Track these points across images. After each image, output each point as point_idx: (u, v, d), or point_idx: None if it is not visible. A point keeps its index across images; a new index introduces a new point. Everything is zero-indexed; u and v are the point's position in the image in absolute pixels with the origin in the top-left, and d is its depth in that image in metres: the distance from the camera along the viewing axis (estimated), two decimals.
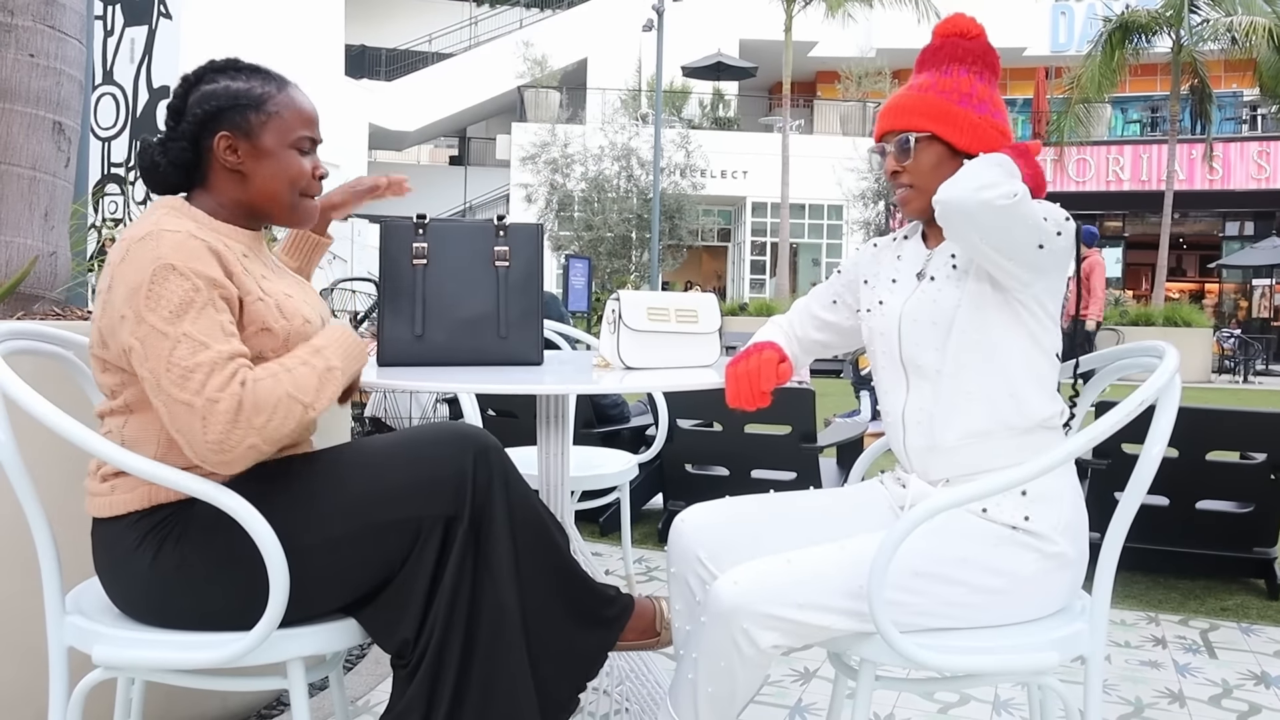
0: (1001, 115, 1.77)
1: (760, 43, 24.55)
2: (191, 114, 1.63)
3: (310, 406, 1.48)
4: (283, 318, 1.58)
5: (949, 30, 1.80)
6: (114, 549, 1.54)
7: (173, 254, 1.46)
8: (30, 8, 2.82)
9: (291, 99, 1.68)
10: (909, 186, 1.76)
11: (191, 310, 1.43)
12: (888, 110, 1.80)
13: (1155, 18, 18.05)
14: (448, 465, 1.58)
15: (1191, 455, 3.36)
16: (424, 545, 1.55)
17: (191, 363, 1.41)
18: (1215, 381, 16.37)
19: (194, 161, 1.65)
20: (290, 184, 1.67)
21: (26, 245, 2.79)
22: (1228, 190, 23.09)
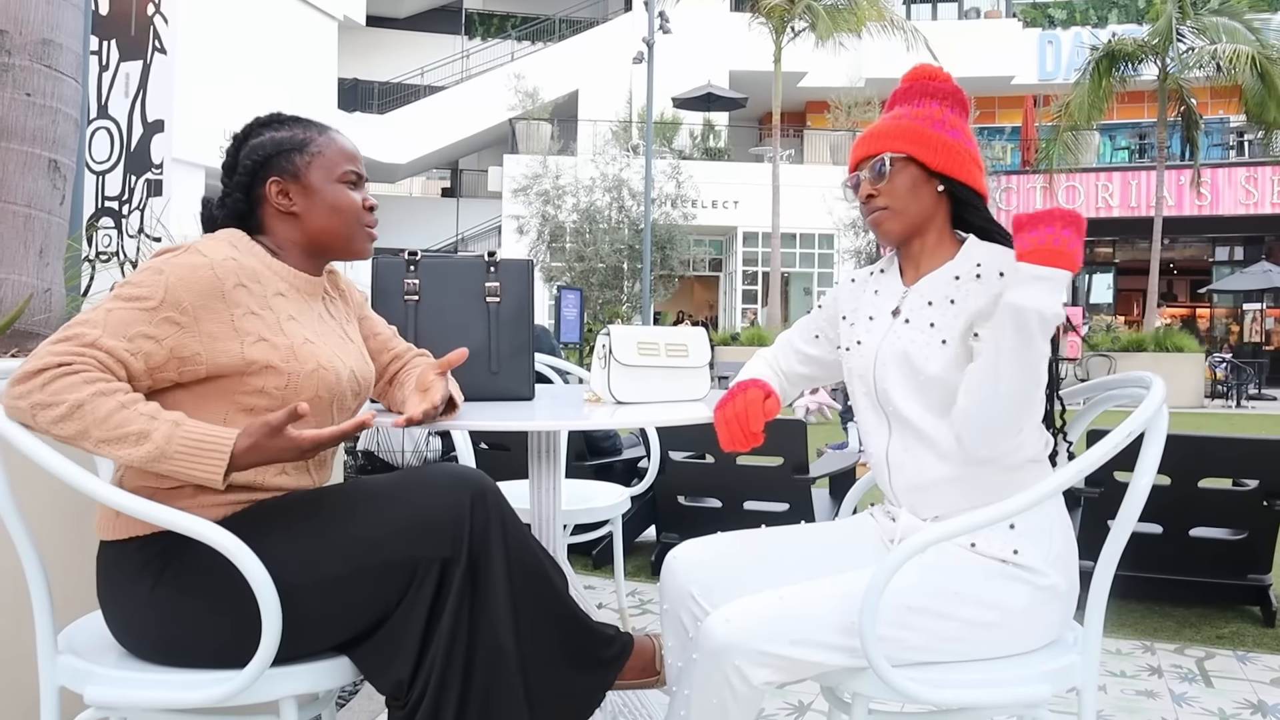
0: (974, 145, 1.78)
1: (750, 74, 24.74)
2: (242, 167, 1.73)
3: (91, 439, 1.43)
4: (294, 359, 1.61)
5: (919, 74, 1.84)
6: (116, 573, 1.56)
7: (173, 266, 1.54)
8: (28, 48, 2.85)
9: (332, 139, 1.77)
10: (884, 208, 1.77)
11: (131, 303, 1.51)
12: (863, 139, 1.82)
13: (1141, 46, 18.25)
14: (445, 508, 1.58)
15: (1184, 482, 3.37)
16: (420, 587, 1.55)
17: (73, 325, 1.49)
18: (1208, 406, 16.41)
19: (248, 211, 1.74)
20: (344, 216, 1.75)
21: (21, 282, 2.80)
22: (1216, 216, 23.27)
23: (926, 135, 1.74)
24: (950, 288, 1.70)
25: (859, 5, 18.89)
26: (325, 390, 1.65)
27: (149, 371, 1.52)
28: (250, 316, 1.58)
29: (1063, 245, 1.49)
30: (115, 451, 1.44)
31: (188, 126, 16.47)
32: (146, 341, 1.50)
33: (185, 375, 1.55)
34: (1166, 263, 22.51)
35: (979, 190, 1.77)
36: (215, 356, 1.55)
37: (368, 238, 1.79)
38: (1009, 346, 1.52)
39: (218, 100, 17.03)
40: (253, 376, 1.57)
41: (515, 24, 31.28)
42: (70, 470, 1.44)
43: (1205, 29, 18.15)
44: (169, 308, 1.51)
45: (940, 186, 1.75)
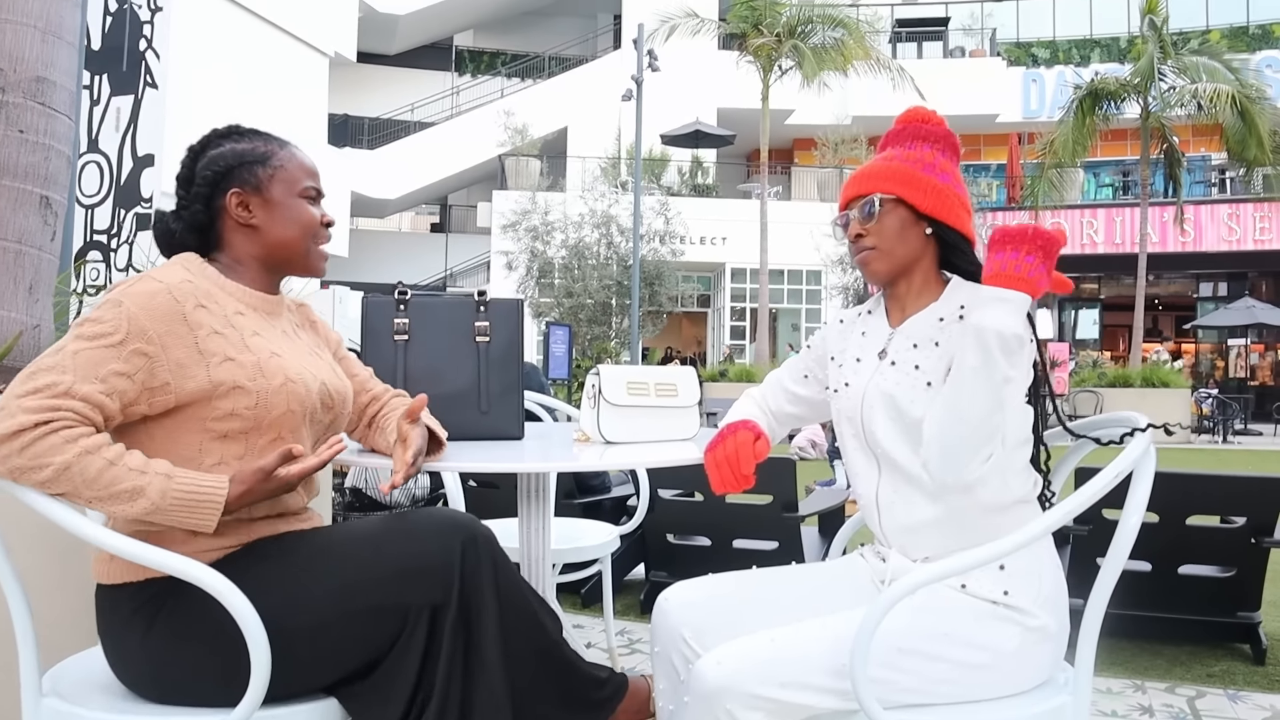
0: (963, 189, 1.80)
1: (738, 111, 24.95)
2: (201, 178, 1.71)
3: (83, 497, 1.43)
4: (261, 375, 1.59)
5: (912, 116, 1.85)
6: (111, 617, 1.56)
7: (131, 295, 1.52)
8: (22, 85, 2.86)
9: (293, 154, 1.77)
10: (871, 248, 1.78)
11: (95, 341, 1.48)
12: (853, 179, 1.83)
13: (1124, 85, 18.48)
14: (435, 553, 1.58)
15: (1172, 520, 3.38)
16: (412, 632, 1.55)
17: (40, 373, 1.44)
18: (1195, 442, 16.47)
19: (208, 224, 1.72)
20: (303, 230, 1.74)
21: (10, 319, 2.80)
22: (1200, 252, 23.47)
23: (916, 178, 1.75)
24: (934, 330, 1.72)
25: (846, 44, 19.11)
26: (296, 404, 1.63)
27: (123, 409, 1.50)
28: (214, 336, 1.57)
29: (1024, 272, 1.52)
30: (109, 508, 1.43)
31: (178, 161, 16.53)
32: (120, 379, 1.48)
33: (155, 406, 1.54)
34: (1151, 298, 22.66)
35: (966, 234, 1.78)
36: (183, 384, 1.53)
37: (322, 256, 1.80)
38: (970, 365, 1.54)
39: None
40: (221, 400, 1.55)
41: (505, 61, 31.51)
42: (62, 514, 1.43)
43: (1186, 69, 18.40)
44: (135, 339, 1.49)
45: (928, 229, 1.76)
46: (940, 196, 1.75)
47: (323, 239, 1.79)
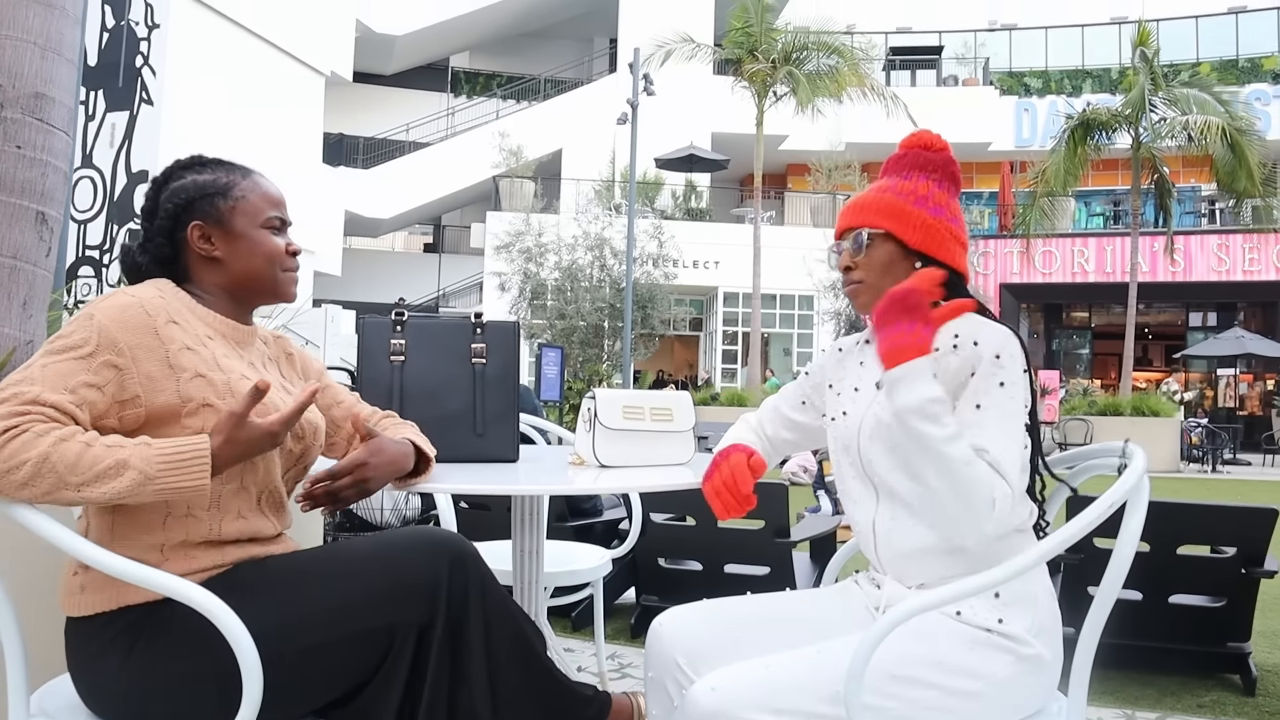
0: (958, 223, 1.80)
1: (732, 136, 25.08)
2: (163, 210, 1.70)
3: (71, 486, 1.39)
4: (231, 395, 1.58)
5: (914, 142, 1.85)
6: (83, 649, 1.53)
7: (103, 309, 1.52)
8: (21, 101, 2.86)
9: (256, 183, 1.76)
10: (859, 282, 1.80)
11: (66, 354, 1.47)
12: (846, 210, 1.85)
13: (1115, 115, 18.62)
14: (423, 573, 1.58)
15: (1163, 549, 3.38)
16: (398, 653, 1.54)
17: (9, 386, 1.43)
18: (1184, 471, 16.51)
19: (172, 256, 1.71)
20: (268, 260, 1.73)
21: (3, 335, 2.79)
22: (1190, 282, 23.62)
23: (907, 212, 1.76)
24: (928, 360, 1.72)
25: (840, 71, 19.24)
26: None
27: (92, 421, 1.49)
28: (185, 352, 1.57)
29: (907, 340, 1.59)
30: (98, 490, 1.39)
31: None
32: (89, 390, 1.47)
33: (125, 421, 1.52)
34: (1141, 327, 22.77)
35: (958, 269, 1.78)
36: (153, 397, 1.52)
37: (291, 282, 1.78)
38: (912, 449, 1.58)
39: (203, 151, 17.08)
40: (191, 417, 1.55)
41: (501, 83, 31.65)
42: (53, 529, 1.42)
43: (1177, 100, 18.56)
44: (106, 350, 1.49)
45: (917, 264, 1.76)
46: (929, 232, 1.75)
47: (289, 267, 1.77)
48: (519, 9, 28.73)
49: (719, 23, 24.22)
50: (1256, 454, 20.25)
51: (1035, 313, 26.64)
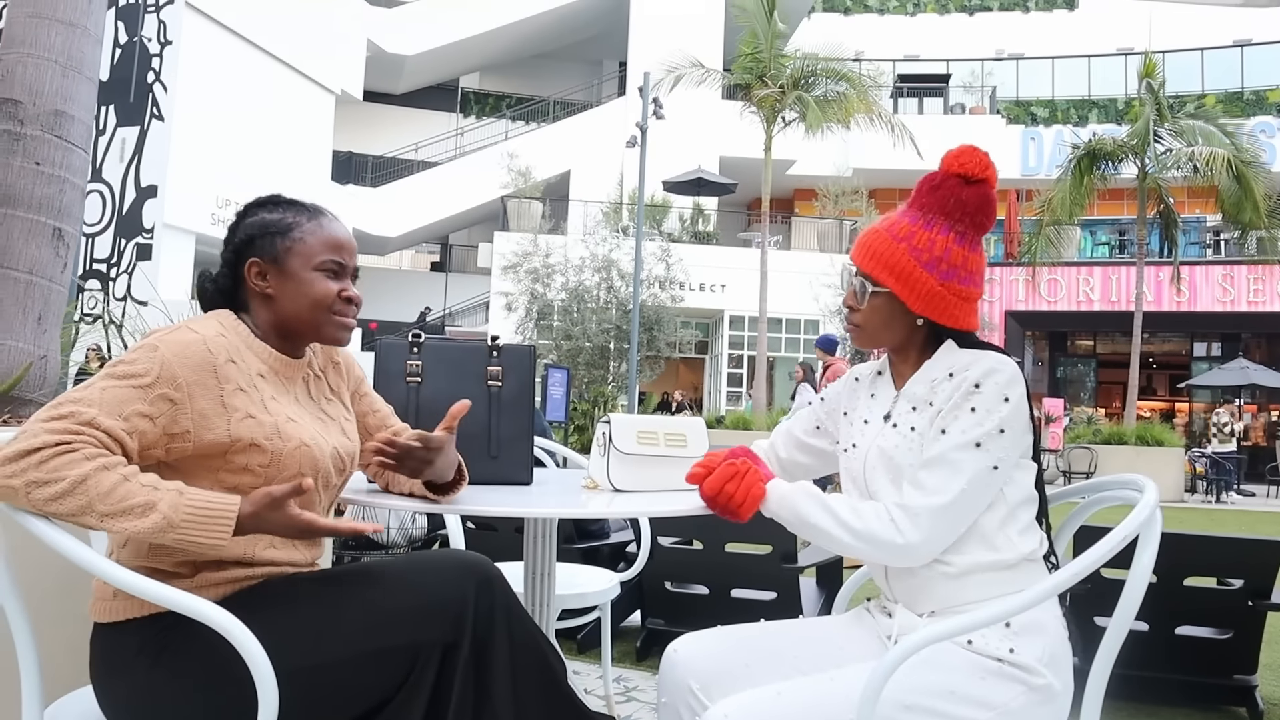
0: (970, 279, 1.75)
1: (740, 160, 25.16)
2: (231, 243, 1.76)
3: (96, 514, 1.41)
4: (277, 437, 1.61)
5: (953, 168, 1.76)
6: (112, 655, 1.55)
7: (167, 342, 1.55)
8: (40, 118, 2.90)
9: (319, 225, 1.77)
10: (858, 326, 1.82)
11: (125, 381, 1.50)
12: (864, 243, 1.80)
13: (1121, 146, 18.66)
14: (450, 593, 1.60)
15: (1170, 581, 3.38)
16: (422, 672, 1.55)
17: (66, 404, 1.46)
18: (1188, 501, 16.45)
19: (232, 288, 1.76)
20: (313, 304, 1.74)
21: (18, 348, 2.81)
22: (1195, 312, 23.61)
23: (915, 277, 1.72)
24: (928, 390, 1.73)
25: (848, 98, 19.30)
26: (308, 467, 1.65)
27: (140, 451, 1.52)
28: (239, 393, 1.60)
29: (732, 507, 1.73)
30: (120, 524, 1.42)
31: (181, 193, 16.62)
32: (142, 420, 1.50)
33: (172, 453, 1.56)
34: (1146, 357, 22.75)
35: (964, 328, 1.77)
36: (202, 434, 1.56)
37: (341, 327, 1.78)
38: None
39: (212, 168, 17.19)
40: (237, 454, 1.58)
41: (510, 104, 31.82)
42: (70, 545, 1.43)
43: (1182, 131, 18.60)
44: (164, 384, 1.52)
45: (919, 321, 1.76)
46: (934, 300, 1.73)
47: (339, 311, 1.77)
48: (529, 31, 28.92)
49: (728, 48, 24.37)
50: (1260, 485, 20.17)
51: (1040, 340, 26.63)
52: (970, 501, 1.62)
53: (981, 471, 1.62)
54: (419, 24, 26.87)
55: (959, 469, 1.62)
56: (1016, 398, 1.65)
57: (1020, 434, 1.66)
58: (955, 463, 1.62)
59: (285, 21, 19.65)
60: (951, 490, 1.61)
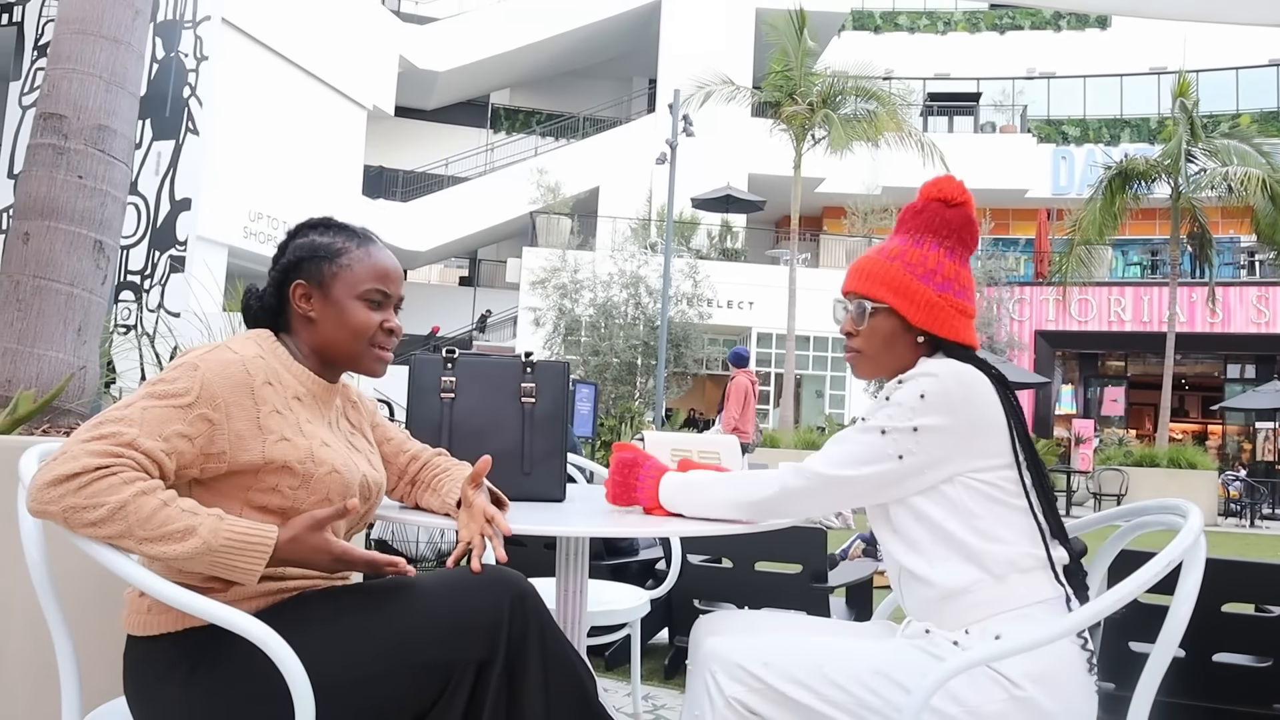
0: (964, 293, 1.79)
1: (769, 177, 25.17)
2: (280, 263, 1.76)
3: (135, 539, 1.42)
4: (310, 461, 1.62)
5: (934, 194, 1.81)
6: (146, 669, 1.55)
7: (207, 362, 1.56)
8: (84, 133, 2.94)
9: (367, 254, 1.77)
10: (857, 351, 1.82)
11: (165, 401, 1.50)
12: (856, 269, 1.84)
13: (1153, 165, 18.52)
14: (485, 610, 1.60)
15: (1208, 606, 3.32)
16: (456, 688, 1.56)
17: (106, 424, 1.46)
18: (1221, 525, 16.22)
19: (278, 308, 1.77)
20: (353, 333, 1.74)
21: (58, 359, 2.85)
22: (1228, 333, 23.34)
23: (911, 289, 1.76)
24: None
25: (878, 116, 19.28)
26: (337, 494, 1.65)
27: (177, 470, 1.52)
28: (275, 415, 1.61)
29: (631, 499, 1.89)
30: (159, 548, 1.43)
31: (214, 206, 16.78)
32: (181, 440, 1.51)
33: (206, 472, 1.57)
34: (1178, 378, 22.50)
35: (962, 343, 1.78)
36: (238, 455, 1.57)
37: (377, 359, 1.78)
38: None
39: (246, 182, 17.38)
40: (269, 475, 1.59)
41: (540, 120, 31.98)
42: (110, 557, 1.44)
43: (1216, 151, 18.44)
44: (204, 404, 1.53)
45: (920, 338, 1.77)
46: (933, 310, 1.75)
47: (378, 343, 1.77)
48: (560, 48, 29.07)
49: (758, 65, 24.40)
50: None
51: (1070, 361, 26.40)
52: (861, 479, 1.66)
53: (880, 455, 1.65)
54: (450, 40, 27.08)
55: (857, 448, 1.67)
56: (936, 397, 1.64)
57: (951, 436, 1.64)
58: (855, 442, 1.68)
59: (319, 38, 19.88)
60: (842, 464, 1.66)
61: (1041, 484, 1.70)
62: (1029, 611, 1.60)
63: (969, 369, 1.69)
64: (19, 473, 1.53)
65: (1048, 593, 1.63)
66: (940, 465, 1.65)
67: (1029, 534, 1.67)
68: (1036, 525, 1.67)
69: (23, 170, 2.99)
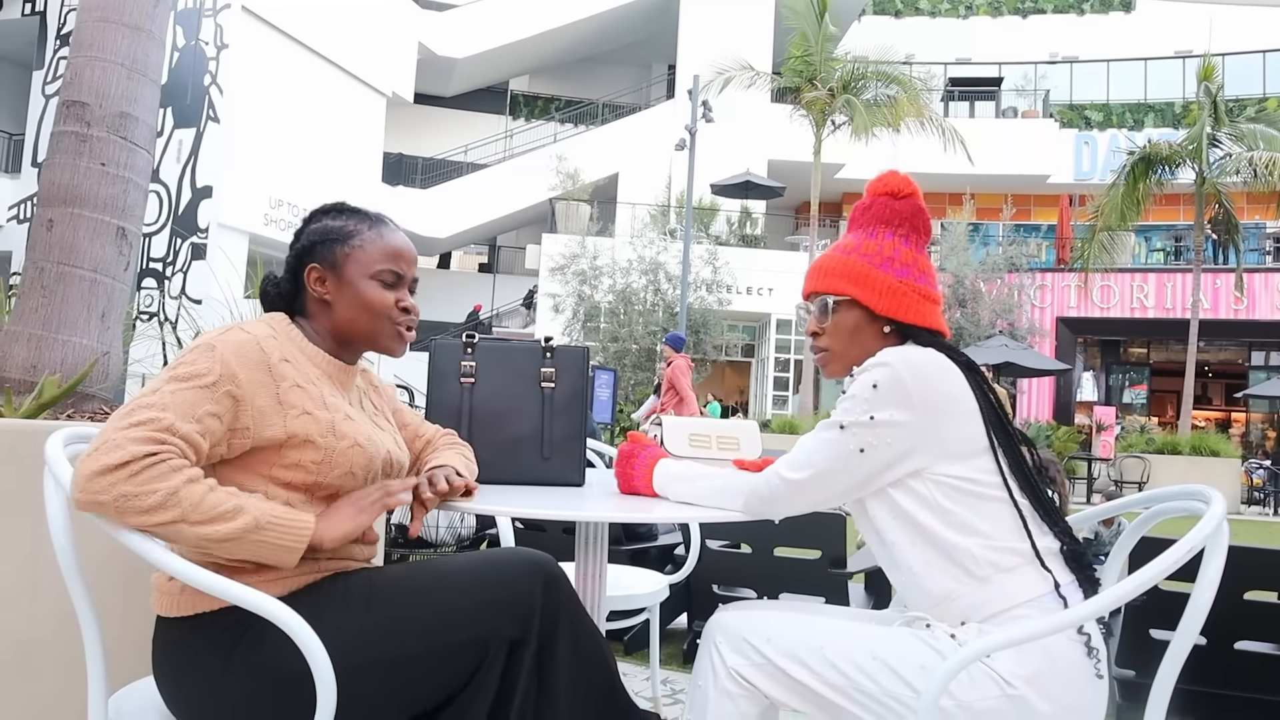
0: (925, 279, 1.79)
1: (788, 163, 25.05)
2: (294, 248, 1.79)
3: (190, 523, 1.43)
4: (333, 435, 1.63)
5: (880, 189, 1.83)
6: (179, 651, 1.56)
7: (222, 341, 1.57)
8: (107, 120, 2.96)
9: (379, 235, 1.79)
10: (825, 350, 1.82)
11: (190, 382, 1.51)
12: (813, 271, 1.84)
13: (1177, 150, 18.33)
14: (518, 590, 1.62)
15: (1229, 594, 3.30)
16: (490, 666, 1.58)
17: (140, 410, 1.46)
18: (1245, 513, 16.11)
19: (294, 293, 1.79)
20: (369, 312, 1.75)
21: (82, 345, 2.87)
22: (1253, 320, 23.10)
23: (871, 276, 1.76)
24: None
25: (898, 102, 19.15)
26: (360, 467, 1.67)
27: (209, 450, 1.54)
28: (295, 389, 1.62)
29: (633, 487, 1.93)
30: (210, 528, 1.44)
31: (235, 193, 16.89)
32: (212, 420, 1.52)
33: (232, 449, 1.58)
34: (1202, 365, 22.30)
35: (930, 327, 1.77)
36: (261, 430, 1.58)
37: (397, 336, 1.79)
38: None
39: (266, 169, 17.47)
40: (291, 450, 1.60)
41: (559, 106, 31.94)
42: (136, 540, 1.45)
43: (1242, 135, 18.24)
44: (227, 382, 1.54)
45: (887, 328, 1.77)
46: (895, 296, 1.75)
47: (396, 321, 1.79)
48: (578, 34, 29.00)
49: (778, 50, 24.27)
50: None
51: (1092, 347, 26.22)
52: (829, 479, 1.66)
53: (843, 453, 1.64)
54: (469, 27, 27.05)
55: (819, 447, 1.67)
56: (889, 385, 1.62)
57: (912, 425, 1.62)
58: (816, 439, 1.68)
59: (338, 25, 19.92)
60: (808, 468, 1.67)
61: (1023, 471, 1.67)
62: (1017, 613, 1.58)
63: (929, 354, 1.68)
64: (46, 457, 1.55)
65: (1038, 589, 1.61)
66: (906, 457, 1.63)
67: (1011, 525, 1.64)
68: (1019, 515, 1.65)
69: (46, 158, 3.02)
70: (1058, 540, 1.67)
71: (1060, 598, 1.60)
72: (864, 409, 1.62)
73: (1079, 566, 1.67)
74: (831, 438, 1.65)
